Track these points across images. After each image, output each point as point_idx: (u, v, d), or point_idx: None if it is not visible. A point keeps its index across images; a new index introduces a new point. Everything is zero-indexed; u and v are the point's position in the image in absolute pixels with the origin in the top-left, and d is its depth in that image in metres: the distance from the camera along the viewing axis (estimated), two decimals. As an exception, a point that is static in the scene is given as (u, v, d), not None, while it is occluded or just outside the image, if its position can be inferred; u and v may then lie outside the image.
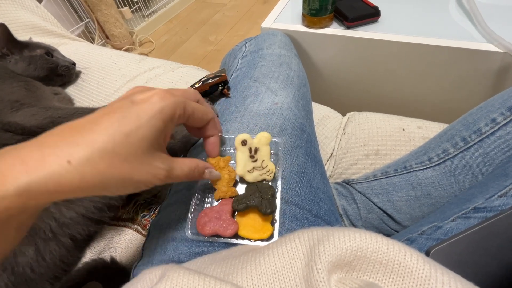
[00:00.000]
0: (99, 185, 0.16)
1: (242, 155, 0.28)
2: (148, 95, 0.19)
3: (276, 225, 0.25)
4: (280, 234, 0.27)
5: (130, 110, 0.18)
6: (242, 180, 0.29)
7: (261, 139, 0.28)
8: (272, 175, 0.28)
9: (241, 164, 0.28)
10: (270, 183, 0.28)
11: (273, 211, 0.25)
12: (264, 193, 0.26)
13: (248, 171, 0.28)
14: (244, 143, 0.28)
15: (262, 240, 0.25)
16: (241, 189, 0.29)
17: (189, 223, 0.26)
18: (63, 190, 0.15)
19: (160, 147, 0.20)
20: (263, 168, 0.28)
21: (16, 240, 0.16)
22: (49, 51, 0.59)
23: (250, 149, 0.28)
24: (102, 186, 0.16)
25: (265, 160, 0.28)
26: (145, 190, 0.19)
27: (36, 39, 0.71)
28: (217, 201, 0.28)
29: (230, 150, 0.32)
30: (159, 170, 0.19)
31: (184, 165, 0.21)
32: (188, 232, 0.26)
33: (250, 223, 0.25)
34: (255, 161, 0.28)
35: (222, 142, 0.31)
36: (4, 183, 0.14)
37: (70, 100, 0.59)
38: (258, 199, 0.25)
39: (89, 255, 0.41)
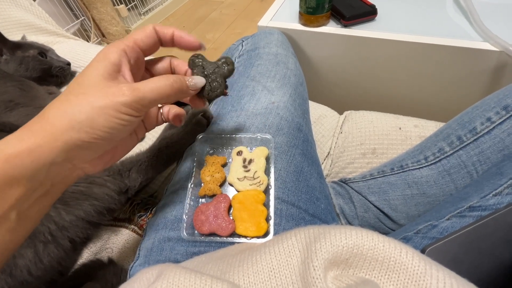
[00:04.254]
0: (68, 126, 0.18)
1: (235, 164, 0.29)
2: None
3: (271, 222, 0.26)
4: (277, 233, 0.27)
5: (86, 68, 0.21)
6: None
7: (257, 151, 0.30)
8: (263, 186, 0.28)
9: (233, 171, 0.29)
10: (261, 184, 0.28)
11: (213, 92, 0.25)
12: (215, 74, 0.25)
13: (238, 178, 0.28)
14: (239, 153, 0.30)
15: (258, 237, 0.25)
16: (226, 190, 0.29)
17: (184, 224, 0.26)
18: (34, 150, 0.17)
19: (118, 78, 0.20)
20: (255, 179, 0.28)
21: (46, 208, 0.19)
22: (42, 52, 0.58)
23: (244, 159, 0.29)
24: (70, 124, 0.18)
25: (258, 171, 0.28)
26: (125, 123, 0.20)
27: (31, 37, 0.70)
28: (202, 197, 0.28)
29: (228, 149, 0.32)
30: (120, 91, 0.19)
31: (156, 79, 0.21)
32: (184, 234, 0.26)
33: (245, 220, 0.25)
34: (248, 171, 0.29)
35: (219, 139, 0.31)
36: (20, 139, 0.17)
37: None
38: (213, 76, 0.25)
39: (85, 256, 0.40)
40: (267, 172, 0.29)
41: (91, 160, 0.21)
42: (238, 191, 0.28)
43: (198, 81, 0.24)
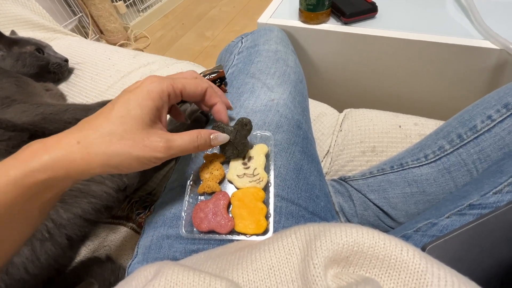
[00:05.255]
0: (104, 161, 0.19)
1: (235, 161, 0.29)
2: (139, 82, 0.22)
3: (271, 219, 0.25)
4: (276, 231, 0.26)
5: (124, 97, 0.21)
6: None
7: (257, 148, 0.29)
8: (263, 183, 0.27)
9: (232, 168, 0.28)
10: (261, 181, 0.28)
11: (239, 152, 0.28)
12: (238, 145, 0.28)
13: (238, 176, 0.28)
14: None
15: (257, 235, 0.25)
16: (225, 187, 0.29)
17: (183, 221, 0.26)
18: (77, 166, 0.19)
19: (156, 125, 0.22)
20: (254, 176, 0.28)
21: (38, 222, 0.20)
22: (40, 48, 0.58)
23: (244, 156, 0.29)
24: (107, 162, 0.20)
25: (258, 169, 0.28)
26: (154, 166, 0.22)
27: (27, 33, 0.69)
28: (201, 194, 0.28)
29: None
30: (156, 143, 0.21)
31: (185, 135, 0.23)
32: (183, 231, 0.26)
33: (244, 217, 0.25)
34: (247, 168, 0.28)
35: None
36: (31, 160, 0.18)
37: (62, 96, 0.58)
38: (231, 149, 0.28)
39: (83, 253, 0.40)
40: (266, 169, 0.28)
41: None
42: (237, 188, 0.28)
43: (221, 139, 0.26)
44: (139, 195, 0.47)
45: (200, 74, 0.40)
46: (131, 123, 0.20)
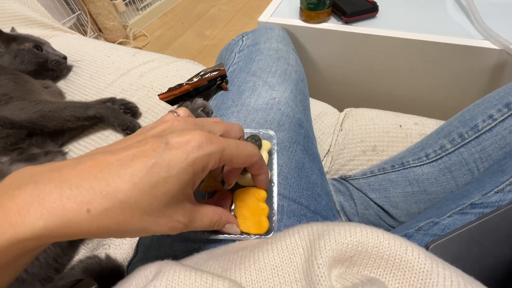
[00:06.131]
0: (115, 233, 0.16)
1: None
2: (186, 139, 0.17)
3: (275, 218, 0.25)
4: (278, 230, 0.26)
5: (162, 156, 0.16)
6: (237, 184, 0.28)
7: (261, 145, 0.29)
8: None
9: None
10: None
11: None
12: None
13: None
14: None
15: (260, 235, 0.24)
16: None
17: None
18: (79, 235, 0.15)
19: (186, 197, 0.18)
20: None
21: (22, 268, 0.16)
22: (38, 45, 0.57)
23: None
24: (118, 234, 0.16)
25: None
26: None
27: (26, 30, 0.68)
28: (203, 193, 0.28)
29: None
30: (177, 224, 0.18)
31: (205, 217, 0.20)
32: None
33: (247, 217, 0.25)
34: None
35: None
36: (21, 224, 0.13)
37: (60, 94, 0.58)
38: None
39: (82, 252, 0.40)
40: (269, 166, 0.28)
41: None
42: (240, 185, 0.27)
43: (232, 231, 0.24)
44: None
45: (201, 72, 0.40)
46: (162, 197, 0.16)
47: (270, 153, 0.29)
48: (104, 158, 0.16)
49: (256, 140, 0.27)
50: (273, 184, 0.27)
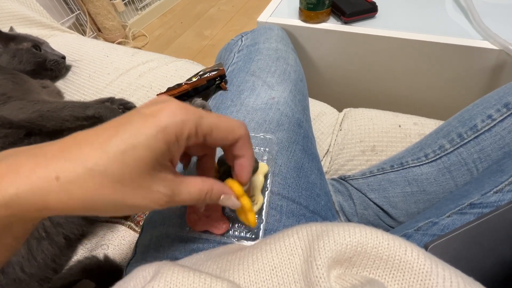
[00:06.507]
0: (87, 206, 0.15)
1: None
2: (159, 107, 0.17)
3: (265, 205, 0.25)
4: (277, 230, 0.26)
5: (133, 123, 0.16)
6: None
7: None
8: (257, 207, 0.25)
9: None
10: (255, 204, 0.25)
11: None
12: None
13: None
14: None
15: (250, 232, 0.24)
16: None
17: (177, 217, 0.26)
18: (50, 207, 0.14)
19: (164, 168, 0.17)
20: (250, 197, 0.25)
21: (14, 248, 0.16)
22: (37, 44, 0.57)
23: None
24: (91, 207, 0.15)
25: (254, 189, 0.26)
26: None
27: (25, 30, 0.68)
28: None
29: None
30: (158, 195, 0.17)
31: (193, 188, 0.18)
32: (175, 227, 0.25)
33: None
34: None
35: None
36: None
37: (59, 93, 0.58)
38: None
39: (81, 253, 0.40)
40: (263, 192, 0.26)
41: None
42: (229, 208, 0.25)
43: (230, 204, 0.21)
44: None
45: (200, 71, 0.40)
46: (133, 165, 0.15)
47: (266, 177, 0.27)
48: (84, 133, 0.16)
49: (256, 162, 0.25)
50: (267, 189, 0.26)
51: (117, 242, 0.41)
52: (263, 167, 0.27)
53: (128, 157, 0.15)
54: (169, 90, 0.39)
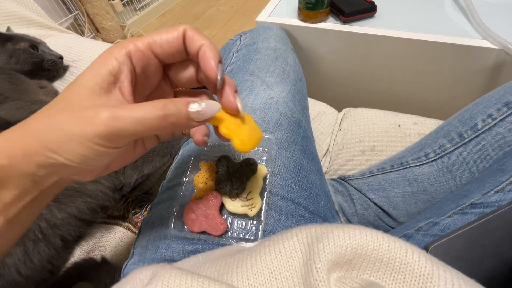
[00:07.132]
0: (38, 141, 0.15)
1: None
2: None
3: (264, 206, 0.25)
4: (276, 230, 0.26)
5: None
6: None
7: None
8: (255, 210, 0.25)
9: None
10: (253, 207, 0.25)
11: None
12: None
13: (230, 197, 0.25)
14: None
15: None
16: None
17: (173, 218, 0.26)
18: (16, 150, 0.15)
19: (109, 94, 0.17)
20: (248, 200, 0.25)
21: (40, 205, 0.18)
22: (34, 44, 0.57)
23: (237, 194, 0.26)
24: (43, 143, 0.15)
25: (252, 192, 0.25)
26: (108, 151, 0.16)
27: (22, 30, 0.68)
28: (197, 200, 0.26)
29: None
30: (96, 114, 0.15)
31: (146, 103, 0.16)
32: (172, 227, 0.25)
33: (235, 131, 0.19)
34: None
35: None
36: None
37: (56, 94, 0.57)
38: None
39: (78, 254, 0.39)
40: (261, 194, 0.26)
41: (79, 172, 0.18)
42: (227, 210, 0.26)
43: (207, 109, 0.17)
44: (136, 194, 0.46)
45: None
46: (76, 91, 0.16)
47: (265, 179, 0.27)
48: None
49: (251, 164, 0.25)
50: (261, 210, 0.26)
51: (114, 244, 0.40)
52: (262, 170, 0.27)
53: (72, 87, 0.17)
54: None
